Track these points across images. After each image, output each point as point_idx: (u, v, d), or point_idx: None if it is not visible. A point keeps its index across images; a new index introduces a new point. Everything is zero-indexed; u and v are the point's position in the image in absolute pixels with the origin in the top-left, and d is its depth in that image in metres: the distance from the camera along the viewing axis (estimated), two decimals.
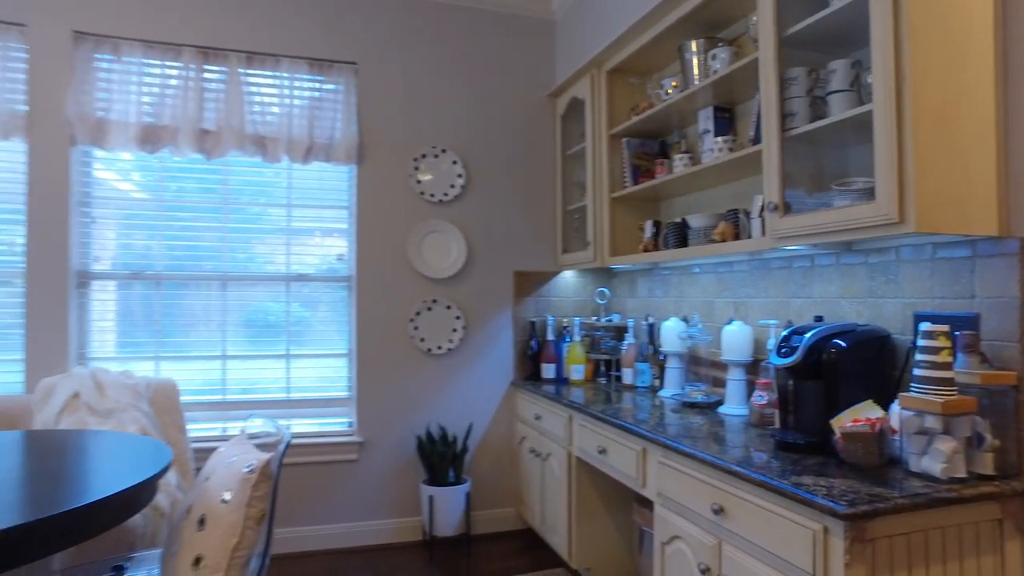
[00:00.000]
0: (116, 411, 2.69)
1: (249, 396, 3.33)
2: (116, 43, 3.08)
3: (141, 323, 3.21)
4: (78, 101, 3.01)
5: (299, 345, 3.41)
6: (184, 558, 1.68)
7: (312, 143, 3.29)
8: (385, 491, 3.42)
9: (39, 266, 3.00)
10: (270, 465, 1.77)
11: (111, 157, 3.16)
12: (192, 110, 3.11)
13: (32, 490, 1.52)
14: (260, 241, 3.36)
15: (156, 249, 3.23)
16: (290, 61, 3.29)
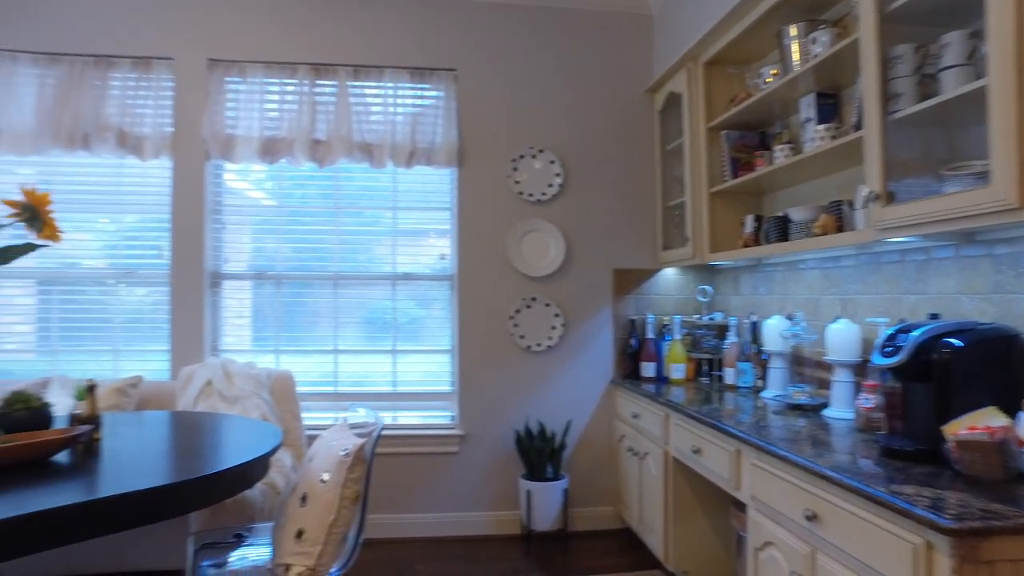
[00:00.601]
0: (241, 398, 2.97)
1: (359, 388, 3.55)
2: (242, 66, 3.40)
3: (264, 319, 3.52)
4: (211, 120, 3.35)
5: (405, 341, 3.58)
6: (289, 530, 1.84)
7: (414, 148, 3.45)
8: (484, 484, 3.52)
9: (181, 268, 3.37)
10: (363, 450, 1.90)
11: (238, 168, 3.49)
12: (306, 122, 3.37)
13: (175, 459, 1.81)
14: (369, 242, 3.57)
15: (277, 251, 3.52)
16: (393, 71, 3.48)
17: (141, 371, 3.38)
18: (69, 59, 3.31)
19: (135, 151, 3.32)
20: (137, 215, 3.45)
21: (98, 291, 3.43)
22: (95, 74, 3.32)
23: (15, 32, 3.32)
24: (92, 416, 1.99)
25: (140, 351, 3.43)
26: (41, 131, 3.25)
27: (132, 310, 3.44)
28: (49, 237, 2.03)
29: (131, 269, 3.43)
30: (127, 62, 3.35)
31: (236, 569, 1.91)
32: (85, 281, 3.42)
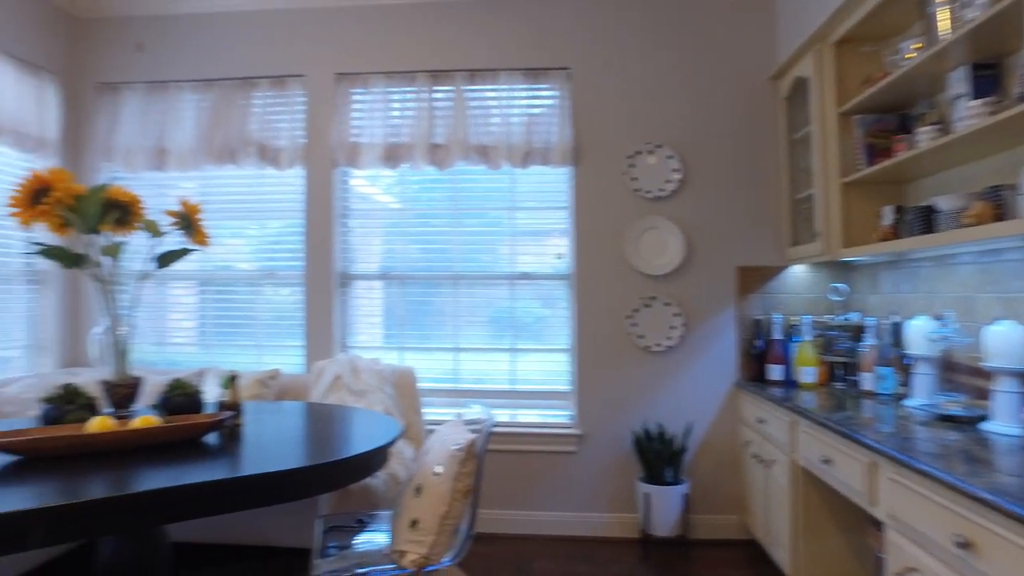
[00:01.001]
0: (367, 392, 3.14)
1: (478, 386, 3.64)
2: (366, 78, 3.60)
3: (391, 318, 3.70)
4: (338, 130, 3.58)
5: (524, 340, 3.63)
6: (405, 519, 1.92)
7: (530, 148, 3.48)
8: (602, 485, 3.48)
9: (313, 270, 3.62)
10: (475, 445, 1.94)
11: (366, 174, 3.70)
12: (425, 127, 3.50)
13: (307, 446, 1.96)
14: (489, 243, 3.65)
15: (403, 252, 3.69)
16: (507, 73, 3.53)
17: (280, 365, 3.68)
18: (220, 84, 3.67)
19: (273, 162, 3.62)
20: (278, 221, 3.76)
21: (247, 291, 3.77)
22: (240, 95, 3.65)
23: (181, 65, 3.73)
24: (235, 404, 2.19)
25: (280, 346, 3.73)
26: (198, 149, 3.63)
27: (274, 309, 3.75)
28: (199, 242, 2.26)
29: (273, 271, 3.74)
30: (266, 82, 3.66)
31: (358, 551, 2.02)
32: (236, 282, 3.77)
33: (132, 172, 3.73)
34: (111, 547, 1.92)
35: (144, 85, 3.74)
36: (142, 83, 3.75)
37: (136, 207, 2.13)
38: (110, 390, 2.11)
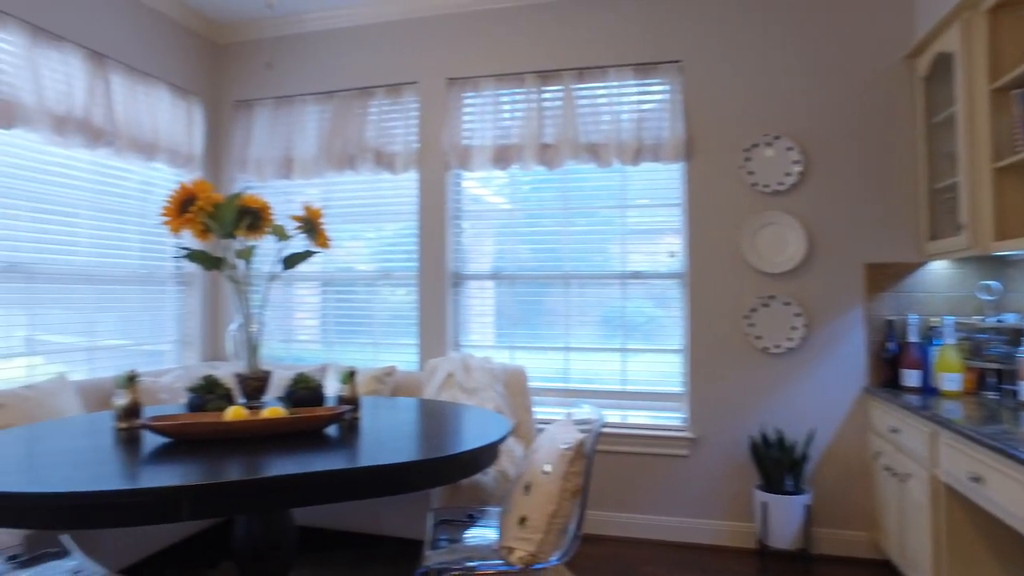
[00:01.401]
0: (479, 390, 3.20)
1: (588, 386, 3.62)
2: (476, 81, 3.68)
3: (502, 317, 3.75)
4: (450, 133, 3.68)
5: (635, 340, 3.56)
6: (513, 516, 1.94)
7: (640, 145, 3.42)
8: (716, 491, 3.35)
9: (427, 270, 3.75)
10: (584, 445, 1.92)
11: (477, 176, 3.78)
12: (534, 128, 3.53)
13: (419, 440, 2.02)
14: (600, 242, 3.62)
15: (514, 252, 3.74)
16: (616, 70, 3.48)
17: (395, 362, 3.84)
18: (339, 95, 3.88)
19: (388, 167, 3.78)
20: (393, 223, 3.92)
21: (365, 291, 3.96)
22: (358, 104, 3.85)
23: (304, 80, 3.99)
24: (353, 398, 2.30)
25: (395, 344, 3.89)
26: (320, 157, 3.87)
27: (390, 308, 3.92)
28: (321, 245, 2.40)
29: (389, 271, 3.90)
30: (382, 90, 3.83)
31: (467, 545, 2.06)
32: (355, 282, 3.98)
33: (262, 181, 4.03)
34: (244, 525, 2.08)
35: (273, 100, 4.03)
36: (271, 99, 4.04)
37: (266, 213, 2.30)
38: (243, 382, 2.29)
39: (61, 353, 3.26)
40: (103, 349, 3.47)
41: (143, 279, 3.70)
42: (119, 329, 3.57)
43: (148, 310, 3.75)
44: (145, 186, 3.72)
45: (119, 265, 3.56)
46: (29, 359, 3.10)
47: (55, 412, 2.73)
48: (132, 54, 3.53)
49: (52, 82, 3.07)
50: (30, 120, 2.95)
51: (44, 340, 3.18)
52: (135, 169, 3.64)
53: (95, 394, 3.11)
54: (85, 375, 3.34)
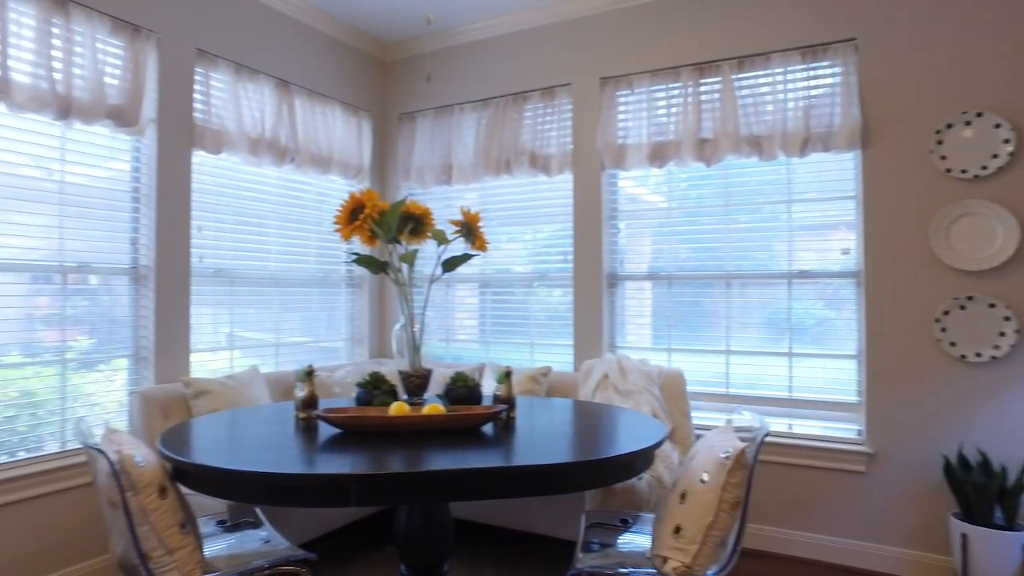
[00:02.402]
0: (634, 392, 3.14)
1: (751, 391, 3.41)
2: (630, 79, 3.61)
3: (658, 318, 3.65)
4: (604, 133, 3.65)
5: (803, 344, 3.31)
6: (668, 525, 1.87)
7: (808, 134, 3.16)
8: (899, 514, 3.00)
9: (582, 271, 3.75)
10: (745, 454, 1.81)
11: (633, 175, 3.71)
12: (691, 123, 3.39)
13: (575, 442, 2.02)
14: (763, 240, 3.40)
15: (671, 252, 3.63)
16: (780, 56, 3.25)
17: (550, 362, 3.87)
18: (495, 101, 4.00)
19: (544, 170, 3.83)
20: (549, 225, 3.96)
21: (521, 292, 4.05)
22: (513, 109, 3.94)
23: (461, 89, 4.17)
24: (509, 397, 2.35)
25: (551, 345, 3.93)
26: (477, 162, 4.01)
27: (546, 309, 3.96)
28: (479, 248, 2.48)
29: (545, 273, 3.95)
30: (536, 94, 3.89)
31: (620, 551, 2.03)
32: (512, 284, 4.08)
33: (424, 188, 4.26)
34: (405, 515, 2.20)
35: (433, 111, 4.25)
36: (432, 109, 4.26)
37: (427, 218, 2.42)
38: (406, 379, 2.43)
39: (253, 348, 3.67)
40: (286, 345, 3.86)
41: (319, 282, 4.07)
42: (300, 327, 3.95)
43: (324, 310, 4.11)
44: (320, 196, 4.08)
45: (300, 269, 3.94)
46: (230, 352, 3.53)
47: (249, 400, 3.08)
48: (311, 78, 3.90)
49: (248, 110, 3.47)
50: (233, 145, 3.37)
51: (241, 336, 3.60)
52: (312, 181, 4.01)
53: (280, 385, 3.47)
54: (272, 368, 3.74)
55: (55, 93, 2.66)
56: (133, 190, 3.08)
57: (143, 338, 3.09)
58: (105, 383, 2.98)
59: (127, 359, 3.05)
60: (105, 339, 2.97)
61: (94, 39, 2.80)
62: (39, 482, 2.67)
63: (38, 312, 2.76)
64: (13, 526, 2.60)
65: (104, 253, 2.96)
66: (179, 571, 1.83)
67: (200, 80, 3.27)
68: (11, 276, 2.66)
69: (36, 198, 2.73)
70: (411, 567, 2.19)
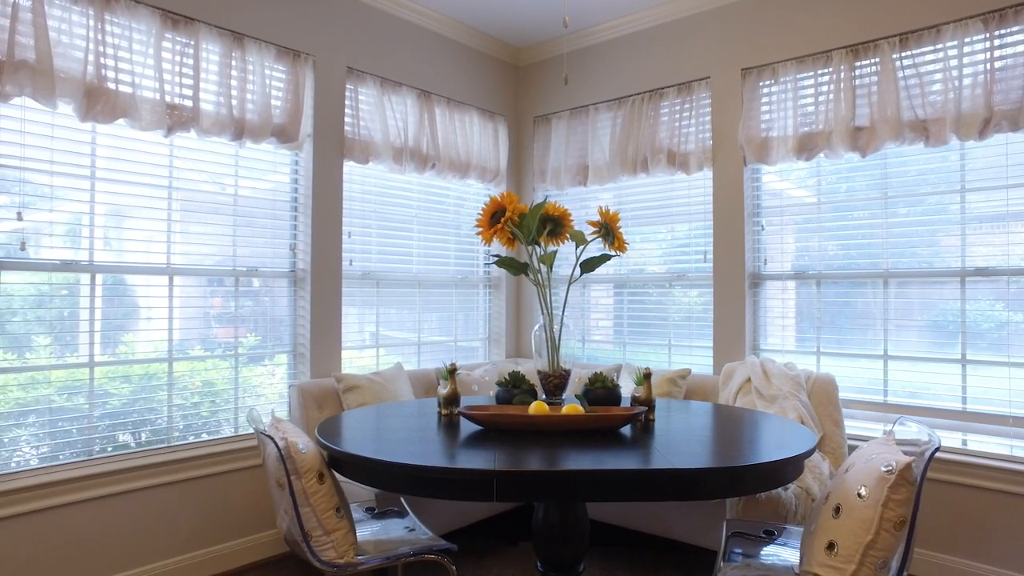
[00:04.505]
0: (779, 397, 2.97)
1: (914, 401, 3.10)
2: (774, 68, 3.41)
3: (805, 320, 3.43)
4: (746, 127, 3.48)
5: (979, 350, 2.96)
6: (820, 539, 1.75)
7: (990, 113, 2.81)
8: None
9: (722, 271, 3.60)
10: (911, 469, 1.65)
11: (777, 169, 3.51)
12: (844, 110, 3.14)
13: (714, 447, 1.96)
14: (928, 234, 3.09)
15: (819, 250, 3.39)
16: (955, 26, 2.91)
17: (689, 364, 3.76)
18: (630, 99, 3.94)
19: (682, 167, 3.72)
20: (686, 224, 3.85)
21: (657, 293, 3.96)
22: (649, 106, 3.86)
23: (596, 88, 4.15)
24: (648, 399, 2.31)
25: (688, 346, 3.81)
26: (613, 162, 3.97)
27: (683, 309, 3.85)
28: (618, 248, 2.45)
29: (682, 273, 3.84)
30: (673, 90, 3.78)
31: (764, 563, 1.92)
32: (647, 284, 4.00)
33: (559, 189, 4.29)
34: (542, 512, 2.23)
35: (568, 112, 4.27)
36: (566, 110, 4.28)
37: (566, 220, 2.43)
38: (545, 379, 2.45)
39: (397, 346, 3.88)
40: (427, 344, 4.04)
41: (458, 283, 4.22)
42: (439, 327, 4.12)
43: (463, 311, 4.26)
44: (459, 200, 4.24)
45: (441, 271, 4.11)
46: (375, 350, 3.76)
47: (394, 395, 3.26)
48: (450, 87, 4.06)
49: (393, 121, 3.68)
50: (379, 154, 3.59)
51: (385, 335, 3.82)
52: (451, 186, 4.17)
53: (422, 381, 3.63)
54: (414, 366, 3.93)
55: (232, 118, 2.97)
56: (292, 200, 3.37)
57: (300, 336, 3.37)
58: (268, 376, 3.29)
59: (287, 355, 3.35)
60: (268, 336, 3.28)
61: (263, 66, 3.10)
62: (217, 461, 3.00)
63: (214, 311, 3.10)
64: (196, 499, 2.94)
65: (268, 258, 3.26)
66: (335, 550, 1.98)
67: (350, 96, 3.52)
68: (193, 280, 3.02)
69: (213, 210, 3.07)
70: (547, 563, 2.21)
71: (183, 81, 2.84)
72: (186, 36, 2.85)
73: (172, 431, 2.93)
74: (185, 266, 2.97)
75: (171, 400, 2.93)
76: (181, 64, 2.84)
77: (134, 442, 2.85)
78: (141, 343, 2.86)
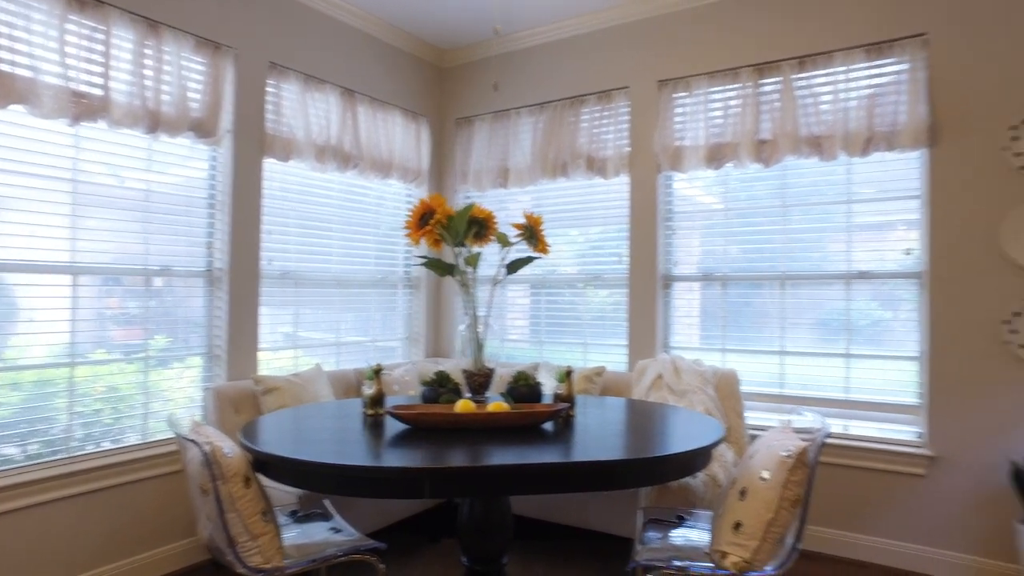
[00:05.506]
0: (688, 392, 3.16)
1: (806, 392, 3.39)
2: (688, 81, 3.63)
3: (711, 319, 3.66)
4: (661, 135, 3.68)
5: (861, 345, 3.27)
6: (727, 520, 1.91)
7: (871, 133, 3.13)
8: (962, 520, 2.95)
9: (636, 272, 3.78)
10: (807, 453, 1.84)
11: (687, 176, 3.73)
12: (749, 124, 3.39)
13: (627, 439, 2.07)
14: (819, 240, 3.38)
15: (724, 253, 3.63)
16: (844, 54, 3.21)
17: (603, 362, 3.92)
18: (552, 105, 4.07)
19: (600, 172, 3.88)
20: (600, 227, 4.01)
21: (570, 293, 4.10)
22: (570, 113, 4.00)
23: (519, 93, 4.25)
24: (569, 396, 2.41)
25: (603, 345, 3.98)
26: (534, 166, 4.08)
27: (597, 309, 4.01)
28: (541, 251, 2.55)
29: (598, 274, 4.00)
30: (593, 97, 3.94)
31: (677, 544, 2.07)
32: (562, 285, 4.14)
33: (480, 191, 4.36)
34: (467, 508, 2.29)
35: (491, 115, 4.34)
36: (489, 113, 4.36)
37: (491, 222, 2.50)
38: (470, 378, 2.51)
39: (314, 347, 3.82)
40: (345, 344, 4.01)
41: (378, 283, 4.21)
42: (358, 327, 4.09)
43: (381, 310, 4.25)
44: (379, 200, 4.22)
45: (361, 271, 4.08)
46: (293, 351, 3.69)
47: (314, 397, 3.23)
48: (373, 86, 4.04)
49: (316, 119, 3.63)
50: (301, 152, 3.53)
51: (304, 336, 3.76)
52: (372, 186, 4.15)
53: (341, 383, 3.60)
54: (332, 367, 3.89)
55: (146, 109, 2.85)
56: (209, 197, 3.26)
57: (216, 337, 3.26)
58: (177, 380, 3.15)
59: (201, 357, 3.23)
60: (181, 338, 3.15)
61: (180, 57, 2.98)
62: (124, 471, 2.85)
63: (120, 312, 2.95)
64: (102, 511, 2.79)
65: (182, 256, 3.14)
66: (262, 555, 1.96)
67: (272, 91, 3.44)
68: (98, 279, 2.86)
69: (123, 205, 2.93)
70: (472, 558, 2.27)
71: (92, 68, 2.69)
72: (94, 20, 2.70)
73: (70, 441, 2.75)
74: (91, 264, 2.81)
75: (71, 407, 2.76)
76: (89, 50, 2.69)
77: (22, 454, 2.63)
78: (37, 347, 2.68)
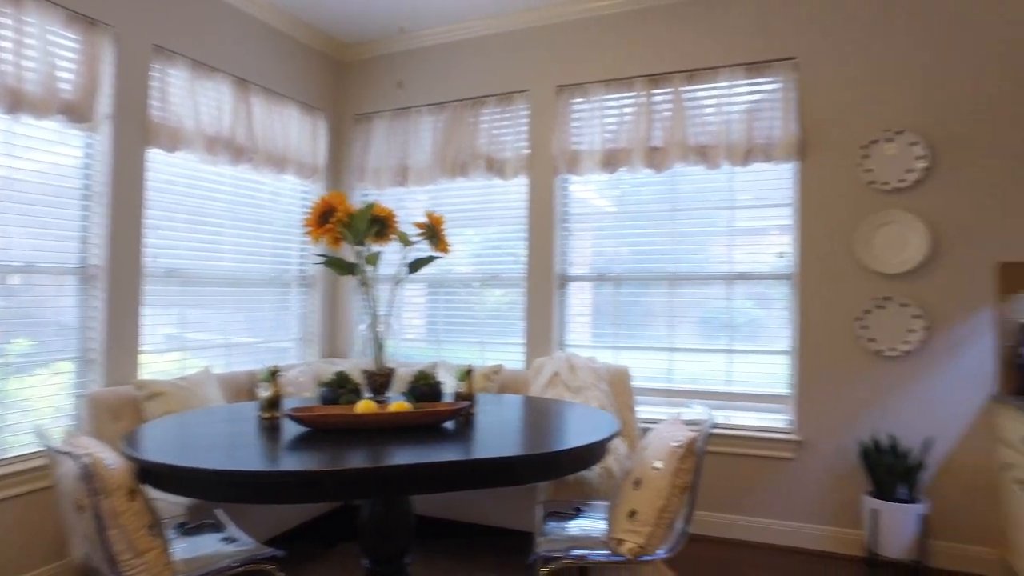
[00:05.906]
0: (584, 388, 3.29)
1: (693, 386, 3.63)
2: (585, 87, 3.77)
3: (604, 318, 3.83)
4: (559, 139, 3.79)
5: (740, 341, 3.54)
6: (623, 510, 2.02)
7: (751, 145, 3.39)
8: (822, 496, 3.28)
9: (534, 272, 3.88)
10: (695, 442, 1.98)
11: (583, 179, 3.87)
12: (643, 131, 3.58)
13: (526, 436, 2.12)
14: (704, 243, 3.62)
15: (616, 254, 3.80)
16: (728, 70, 3.47)
17: (501, 360, 3.99)
18: (452, 105, 4.09)
19: (499, 173, 3.94)
20: (498, 227, 4.08)
21: (465, 292, 4.15)
22: (470, 113, 4.03)
23: (419, 92, 4.23)
24: (470, 394, 2.45)
25: (500, 343, 4.05)
26: (433, 165, 4.09)
27: (494, 308, 4.08)
28: (442, 250, 2.57)
29: (494, 274, 4.07)
30: (493, 99, 4.00)
31: (575, 535, 2.16)
32: (459, 284, 4.17)
33: (379, 189, 4.31)
34: (368, 509, 2.27)
35: (390, 113, 4.30)
36: (389, 111, 4.31)
37: (392, 221, 2.49)
38: (370, 378, 2.49)
39: (202, 349, 3.63)
40: (236, 345, 3.84)
41: (271, 282, 4.06)
42: (249, 328, 3.93)
43: (274, 310, 4.10)
44: (274, 196, 4.07)
45: (253, 269, 3.92)
46: (180, 354, 3.49)
47: (203, 401, 3.07)
48: (269, 77, 3.88)
49: (207, 108, 3.44)
50: (190, 142, 3.34)
51: (191, 337, 3.56)
52: (267, 181, 4.00)
53: (232, 386, 3.45)
54: (222, 369, 3.71)
55: (4, 86, 2.59)
56: (84, 187, 3.02)
57: (91, 340, 3.02)
58: (42, 388, 2.89)
59: (72, 362, 2.98)
60: (47, 341, 2.89)
61: (46, 31, 2.74)
62: None
63: None
64: None
65: (49, 252, 2.88)
66: (148, 573, 1.85)
67: (157, 77, 3.23)
68: None
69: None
70: (373, 559, 2.26)
71: None
72: None
73: None
74: None
75: None
76: None
77: None
78: None
